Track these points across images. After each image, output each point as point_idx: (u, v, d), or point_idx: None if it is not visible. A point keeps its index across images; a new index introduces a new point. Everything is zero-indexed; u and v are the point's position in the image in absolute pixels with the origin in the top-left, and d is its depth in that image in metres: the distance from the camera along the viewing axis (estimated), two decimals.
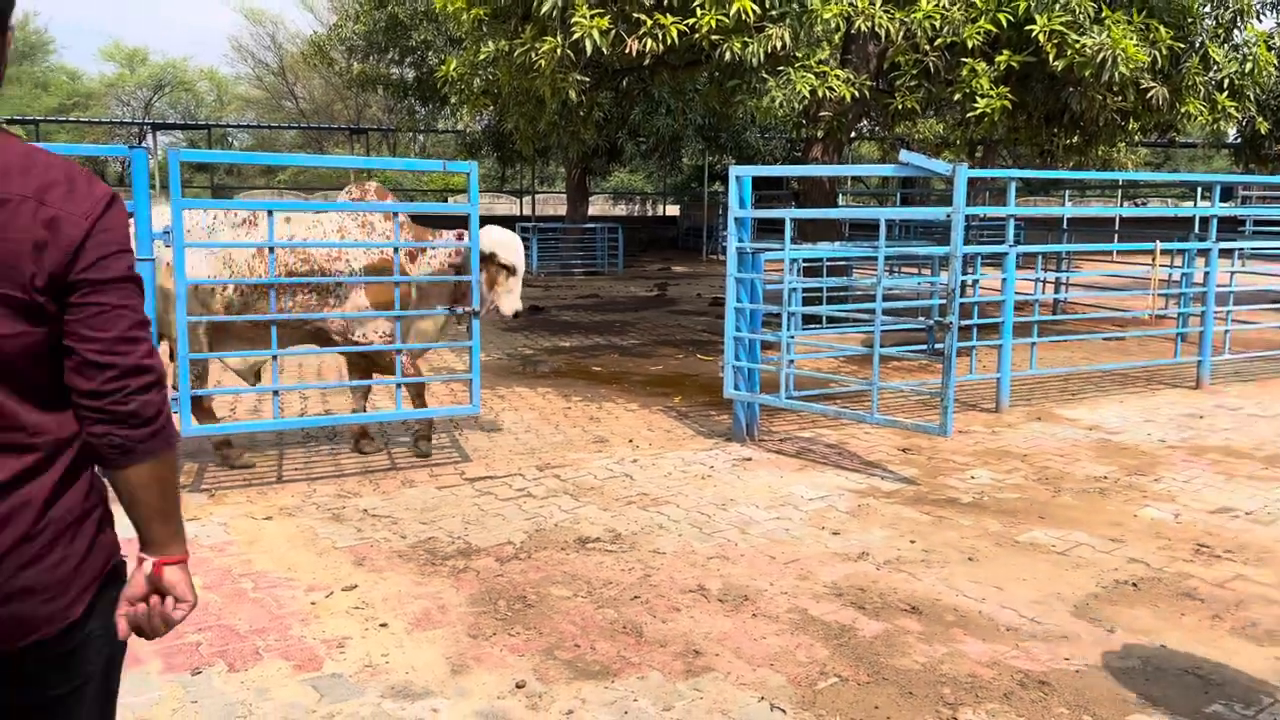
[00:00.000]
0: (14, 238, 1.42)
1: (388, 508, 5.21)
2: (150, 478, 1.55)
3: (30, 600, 1.47)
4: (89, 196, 1.51)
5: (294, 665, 3.45)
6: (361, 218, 5.84)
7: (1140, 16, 8.77)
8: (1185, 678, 3.44)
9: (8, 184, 1.45)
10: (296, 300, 5.69)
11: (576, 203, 19.31)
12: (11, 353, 1.44)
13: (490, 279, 6.03)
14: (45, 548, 1.49)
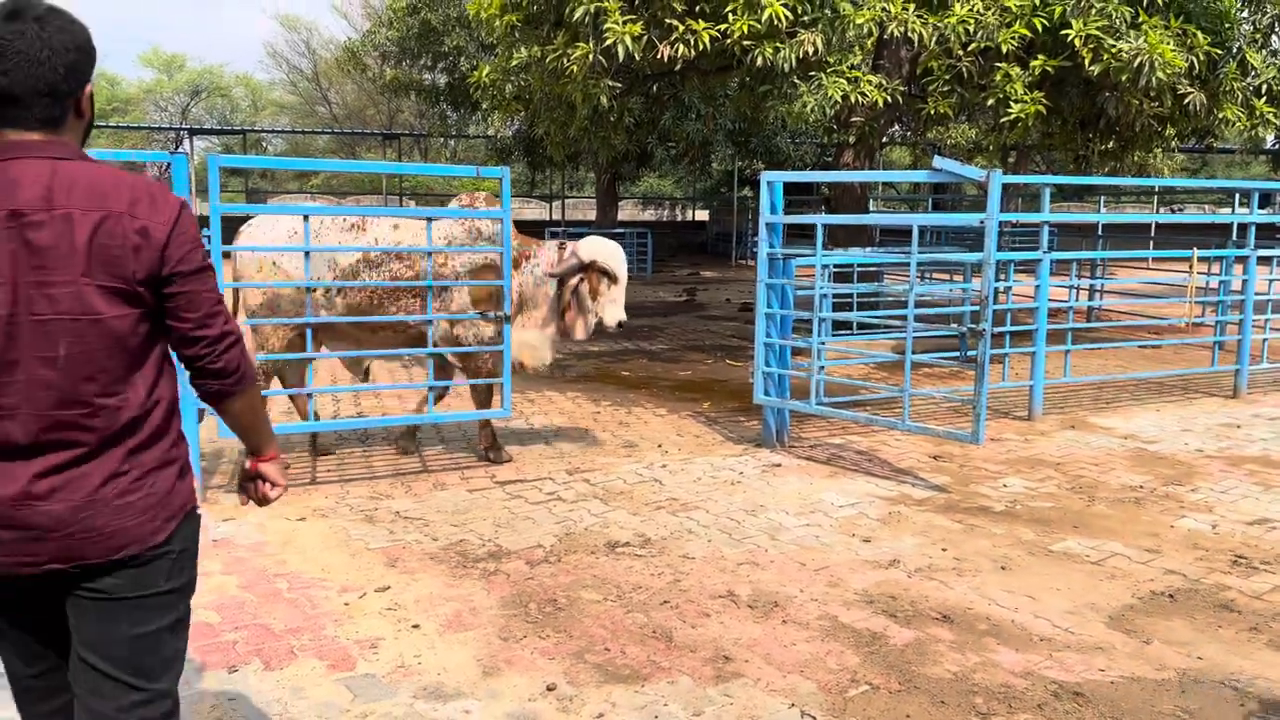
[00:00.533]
0: (117, 244, 1.87)
1: (419, 510, 5.25)
2: (241, 408, 2.13)
3: (124, 523, 1.93)
4: (166, 207, 1.95)
5: (328, 665, 3.48)
6: (468, 224, 5.87)
7: (1178, 22, 8.67)
8: (1222, 690, 3.40)
9: (106, 203, 1.88)
10: (400, 304, 5.82)
11: (606, 208, 19.37)
12: (120, 330, 1.90)
13: (592, 288, 5.89)
14: (134, 484, 1.94)
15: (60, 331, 1.85)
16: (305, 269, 5.47)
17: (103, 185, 1.90)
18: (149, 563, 1.98)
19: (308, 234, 5.45)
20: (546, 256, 5.94)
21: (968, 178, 5.36)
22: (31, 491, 1.86)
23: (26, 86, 1.86)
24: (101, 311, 1.88)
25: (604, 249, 5.88)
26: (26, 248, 1.84)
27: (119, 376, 1.93)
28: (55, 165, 1.88)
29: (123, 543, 1.93)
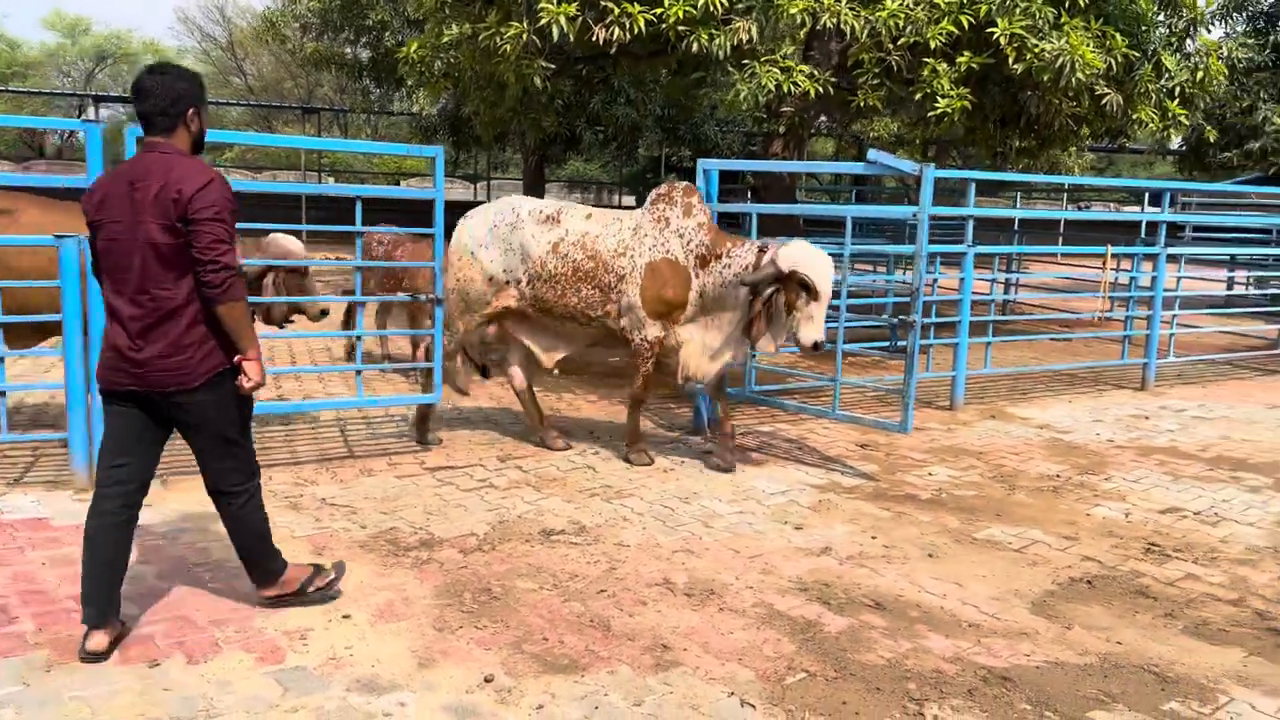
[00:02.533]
0: (165, 198, 3.18)
1: (346, 497, 5.13)
2: (224, 314, 3.27)
3: (175, 370, 3.27)
4: (197, 179, 3.21)
5: (256, 658, 3.37)
6: (658, 214, 5.64)
7: (1097, 24, 8.92)
8: (1142, 675, 3.52)
9: (165, 176, 3.21)
10: (581, 296, 5.71)
11: (533, 190, 19.14)
12: (168, 251, 3.21)
13: (788, 302, 5.26)
14: (183, 349, 3.27)
15: (141, 247, 3.22)
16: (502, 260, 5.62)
17: (168, 166, 3.24)
18: (192, 393, 3.31)
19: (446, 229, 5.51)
20: (741, 259, 5.43)
21: (903, 171, 5.44)
22: (132, 343, 3.27)
23: (154, 110, 3.31)
24: (158, 240, 3.21)
25: (808, 259, 5.20)
26: (133, 202, 3.23)
27: (169, 281, 3.25)
28: (159, 156, 3.29)
29: (172, 381, 3.29)
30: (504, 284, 5.87)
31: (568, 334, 6.00)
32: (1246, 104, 14.14)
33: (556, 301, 5.77)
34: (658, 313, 5.61)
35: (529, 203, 5.95)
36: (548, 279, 5.73)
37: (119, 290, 3.27)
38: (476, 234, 5.92)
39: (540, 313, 5.89)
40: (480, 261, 5.88)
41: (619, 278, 5.63)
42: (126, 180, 3.23)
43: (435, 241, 5.64)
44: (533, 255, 5.74)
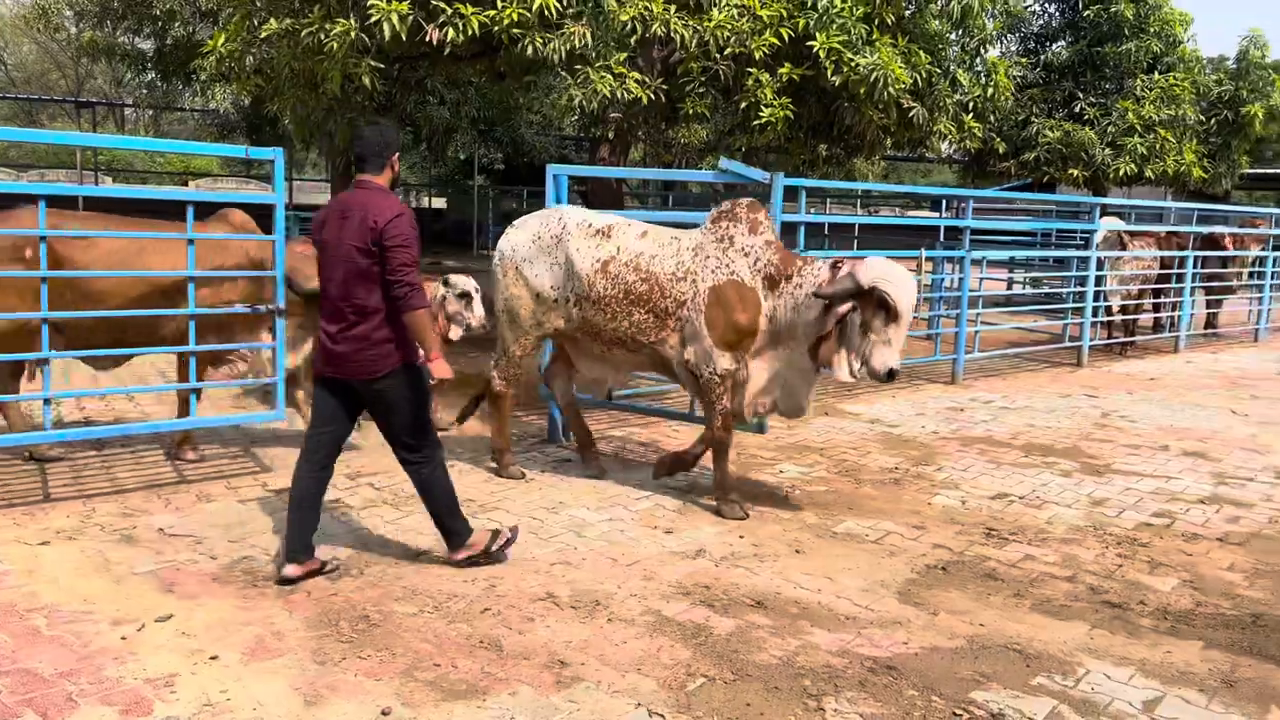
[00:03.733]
0: (365, 225, 3.93)
1: (187, 525, 4.75)
2: (410, 320, 3.98)
3: (365, 363, 4.03)
4: (388, 212, 3.95)
5: (119, 711, 3.06)
6: (721, 232, 5.12)
7: (904, 41, 9.51)
8: (1008, 653, 3.76)
9: (364, 208, 3.97)
10: (633, 321, 5.17)
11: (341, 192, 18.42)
12: (363, 268, 3.96)
13: (864, 322, 4.78)
14: (372, 345, 4.02)
15: (344, 263, 4.01)
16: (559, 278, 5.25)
17: (368, 200, 4.02)
18: (377, 382, 4.07)
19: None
20: (814, 278, 4.91)
21: (752, 179, 5.59)
22: (335, 339, 4.06)
23: (369, 153, 4.13)
24: (358, 261, 3.98)
25: (890, 275, 4.72)
26: (341, 226, 4.02)
27: (365, 293, 4.01)
28: (364, 191, 4.09)
29: (363, 372, 4.05)
30: (553, 303, 5.41)
31: (614, 361, 5.52)
32: (1022, 118, 15.42)
33: (605, 325, 5.28)
34: (727, 342, 5.02)
35: (577, 213, 5.45)
36: (596, 301, 5.25)
37: (328, 296, 4.11)
38: (520, 247, 5.48)
39: (587, 336, 5.43)
40: (525, 278, 5.44)
41: (678, 303, 5.10)
42: (340, 209, 4.10)
43: (276, 247, 5.30)
44: (580, 273, 5.27)
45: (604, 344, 5.39)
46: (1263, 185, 30.50)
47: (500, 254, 5.61)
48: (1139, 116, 14.96)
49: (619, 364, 5.55)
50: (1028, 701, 3.39)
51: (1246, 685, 3.58)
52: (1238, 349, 12.81)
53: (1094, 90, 15.70)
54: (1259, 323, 13.70)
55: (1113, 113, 15.17)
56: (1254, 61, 16.21)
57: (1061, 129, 15.12)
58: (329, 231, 4.07)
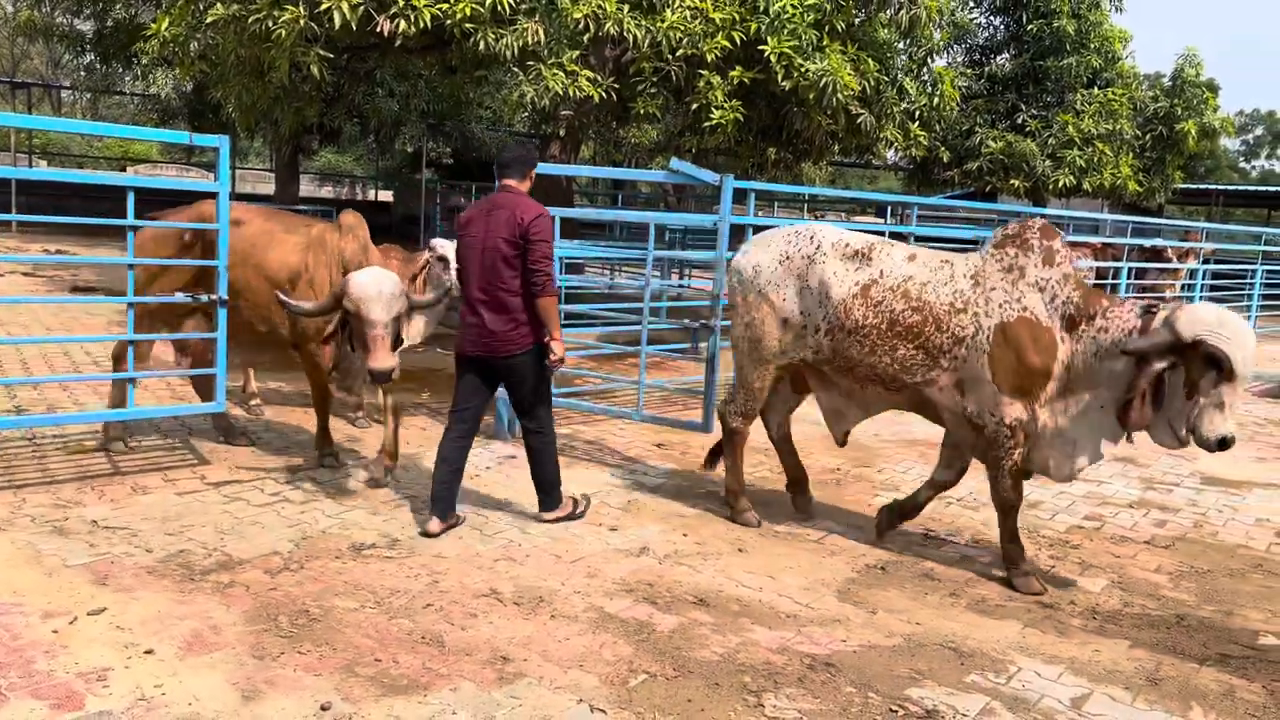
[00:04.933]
0: (512, 222, 4.59)
1: (122, 518, 4.65)
2: (543, 305, 4.63)
3: (509, 340, 4.67)
4: (531, 212, 4.62)
5: (50, 705, 2.99)
6: (1008, 261, 4.50)
7: (853, 48, 9.64)
8: (943, 651, 3.85)
9: (510, 207, 4.65)
10: (896, 357, 4.59)
11: (286, 182, 18.11)
12: (509, 258, 4.60)
13: (1189, 380, 4.05)
14: (516, 326, 4.66)
15: (492, 253, 4.61)
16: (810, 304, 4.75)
17: (515, 200, 4.67)
18: (516, 358, 4.67)
19: None
20: (1121, 322, 4.25)
21: (703, 180, 5.64)
22: (481, 322, 4.66)
23: (514, 163, 4.81)
24: (504, 250, 4.59)
25: (1222, 326, 4.00)
26: (489, 222, 4.65)
27: (508, 278, 4.61)
28: (510, 194, 4.72)
29: (505, 349, 4.66)
30: (801, 329, 4.86)
31: (866, 399, 4.91)
32: (966, 128, 15.73)
33: (862, 360, 4.69)
34: (1018, 389, 4.41)
35: (831, 232, 4.91)
36: (853, 331, 4.67)
37: (474, 284, 4.69)
38: (765, 268, 4.94)
39: (838, 371, 4.85)
40: (771, 303, 4.90)
41: (955, 340, 4.47)
42: (488, 207, 4.72)
43: (219, 236, 5.21)
44: (834, 299, 4.71)
45: (857, 380, 4.79)
46: (1194, 200, 31.46)
47: (739, 275, 5.06)
48: (1078, 130, 15.34)
49: (870, 403, 4.92)
50: (961, 698, 3.47)
51: (1169, 683, 3.71)
52: None
53: (1035, 103, 16.08)
54: None
55: (1053, 125, 15.54)
56: (1189, 80, 16.72)
57: (1004, 140, 15.45)
58: (476, 227, 4.68)
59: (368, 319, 4.74)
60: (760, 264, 4.99)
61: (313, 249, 5.49)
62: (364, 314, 4.74)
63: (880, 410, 4.99)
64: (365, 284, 4.78)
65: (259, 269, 5.49)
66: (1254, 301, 14.97)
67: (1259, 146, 59.59)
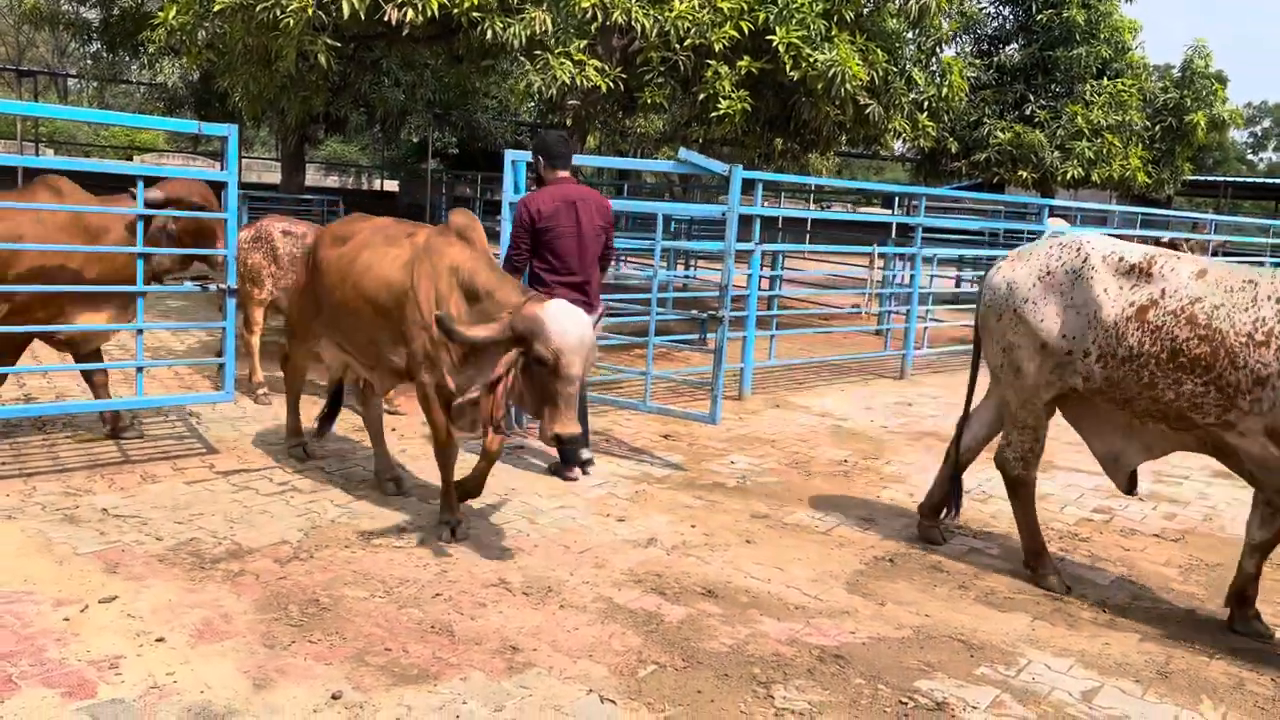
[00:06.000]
0: (602, 210, 5.46)
1: (132, 506, 4.66)
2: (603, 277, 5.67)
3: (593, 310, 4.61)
4: (607, 201, 5.60)
5: (62, 693, 3.00)
6: None
7: (862, 38, 9.59)
8: (952, 644, 3.84)
9: (588, 198, 5.46)
10: (1181, 391, 3.96)
11: (292, 172, 18.06)
12: (602, 241, 5.47)
13: None
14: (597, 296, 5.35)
15: (592, 241, 5.35)
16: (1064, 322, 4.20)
17: (587, 192, 5.47)
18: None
19: None
20: None
21: (711, 170, 5.62)
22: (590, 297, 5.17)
23: (564, 153, 5.42)
24: (601, 234, 5.41)
25: None
26: (580, 213, 5.30)
27: (595, 259, 5.40)
28: (576, 185, 5.50)
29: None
30: (1065, 355, 4.24)
31: (1149, 438, 4.25)
32: (974, 118, 15.66)
33: (1138, 393, 4.08)
34: None
35: (1102, 243, 4.31)
36: (1127, 359, 4.07)
37: (572, 267, 5.26)
38: (1021, 284, 4.39)
39: (1110, 402, 4.24)
40: (1027, 323, 4.34)
41: (1255, 378, 3.79)
42: (570, 199, 5.28)
43: (228, 225, 5.21)
44: (1105, 320, 4.12)
45: (1136, 415, 4.18)
46: (1202, 192, 31.34)
47: (993, 292, 4.52)
48: (1087, 121, 15.27)
49: (1154, 442, 4.27)
50: (971, 691, 3.47)
51: (1180, 676, 3.70)
52: None
53: (1044, 93, 16.00)
54: None
55: (1062, 116, 15.46)
56: (1198, 71, 16.63)
57: (1012, 130, 15.38)
58: (566, 217, 5.22)
59: (566, 374, 3.85)
60: (1015, 280, 4.42)
61: (418, 261, 4.49)
62: (563, 368, 3.84)
63: (1165, 452, 4.32)
64: (568, 329, 3.86)
65: (358, 288, 4.70)
66: None
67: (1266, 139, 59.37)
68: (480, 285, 4.29)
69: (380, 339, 4.66)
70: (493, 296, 4.23)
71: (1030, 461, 4.56)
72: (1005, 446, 4.64)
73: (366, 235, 4.86)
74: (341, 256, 4.87)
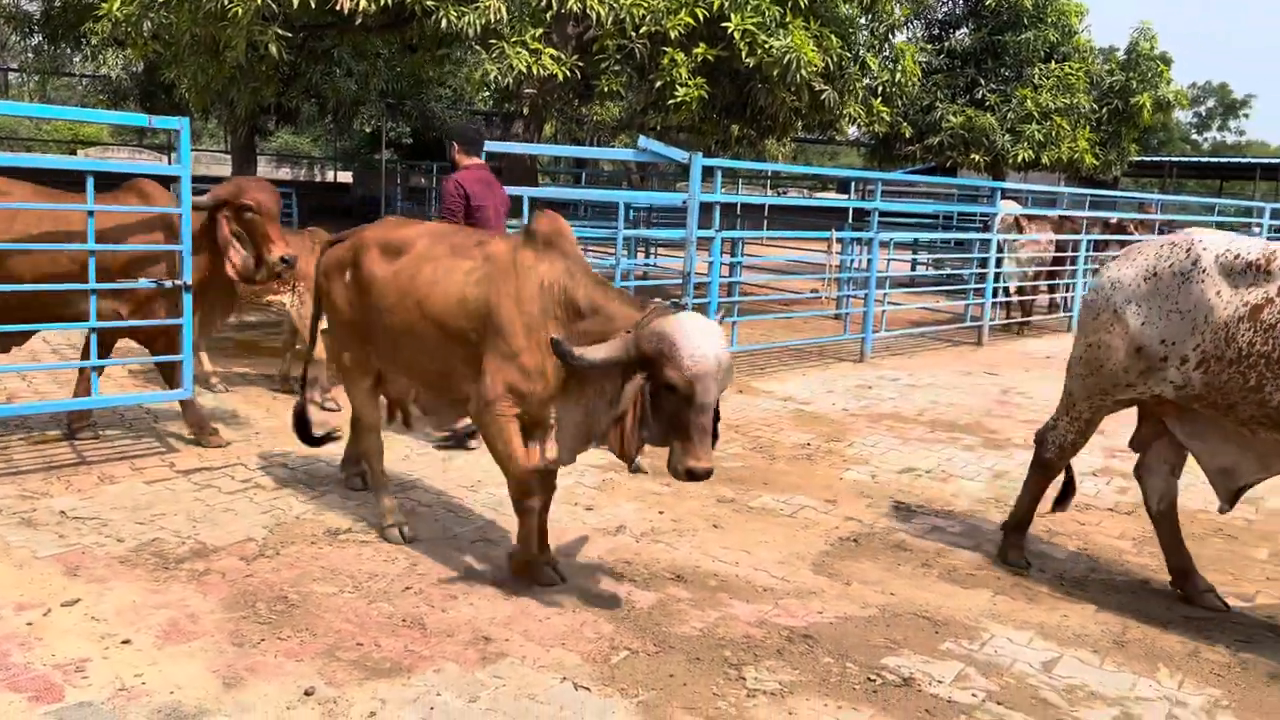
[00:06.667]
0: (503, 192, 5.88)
1: (91, 508, 4.59)
2: None
3: None
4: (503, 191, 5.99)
5: (29, 698, 2.97)
6: None
7: (816, 25, 9.66)
8: (917, 621, 3.92)
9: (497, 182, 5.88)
10: None
11: (243, 164, 17.80)
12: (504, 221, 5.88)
13: None
14: None
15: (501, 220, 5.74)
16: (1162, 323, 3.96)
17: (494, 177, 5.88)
18: None
19: None
20: None
21: (672, 159, 5.64)
22: None
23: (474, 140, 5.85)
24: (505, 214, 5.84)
25: None
26: (495, 193, 5.73)
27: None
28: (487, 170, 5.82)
29: None
30: (1159, 362, 4.02)
31: (1262, 447, 3.98)
32: (927, 103, 15.83)
33: (1243, 397, 3.81)
34: None
35: (1217, 240, 4.03)
36: (1234, 361, 3.82)
37: None
38: (1124, 284, 4.14)
39: (1211, 408, 3.97)
40: (1125, 324, 4.10)
41: None
42: (486, 180, 5.70)
43: (182, 220, 5.13)
44: (1214, 322, 3.87)
45: (1244, 423, 3.92)
46: (1148, 172, 31.95)
47: (1097, 289, 4.30)
48: (1036, 104, 15.50)
49: (1268, 453, 3.99)
50: (936, 665, 3.54)
51: (1135, 645, 3.81)
52: None
53: (994, 77, 16.21)
54: None
55: (1012, 100, 15.69)
56: (1143, 53, 16.94)
57: (964, 114, 15.57)
58: (488, 198, 5.61)
59: (701, 401, 3.34)
60: (1120, 279, 4.19)
61: (497, 278, 3.86)
62: (698, 395, 3.32)
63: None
64: (704, 351, 3.33)
65: (423, 309, 4.02)
66: None
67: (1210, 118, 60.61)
68: (582, 301, 3.69)
69: (454, 369, 4.01)
70: (601, 312, 3.64)
71: (1067, 452, 4.47)
72: (1049, 429, 4.53)
73: (425, 245, 4.16)
74: (399, 272, 4.14)
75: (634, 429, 3.42)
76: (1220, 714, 3.35)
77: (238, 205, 5.33)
